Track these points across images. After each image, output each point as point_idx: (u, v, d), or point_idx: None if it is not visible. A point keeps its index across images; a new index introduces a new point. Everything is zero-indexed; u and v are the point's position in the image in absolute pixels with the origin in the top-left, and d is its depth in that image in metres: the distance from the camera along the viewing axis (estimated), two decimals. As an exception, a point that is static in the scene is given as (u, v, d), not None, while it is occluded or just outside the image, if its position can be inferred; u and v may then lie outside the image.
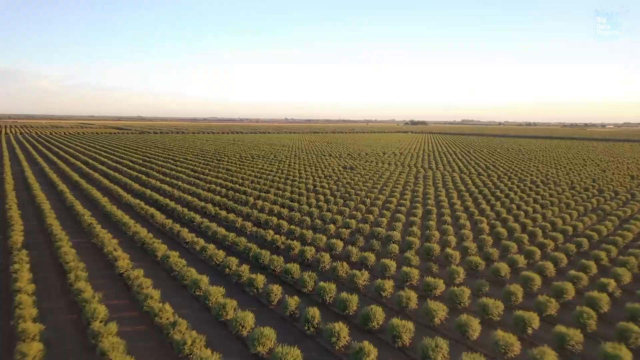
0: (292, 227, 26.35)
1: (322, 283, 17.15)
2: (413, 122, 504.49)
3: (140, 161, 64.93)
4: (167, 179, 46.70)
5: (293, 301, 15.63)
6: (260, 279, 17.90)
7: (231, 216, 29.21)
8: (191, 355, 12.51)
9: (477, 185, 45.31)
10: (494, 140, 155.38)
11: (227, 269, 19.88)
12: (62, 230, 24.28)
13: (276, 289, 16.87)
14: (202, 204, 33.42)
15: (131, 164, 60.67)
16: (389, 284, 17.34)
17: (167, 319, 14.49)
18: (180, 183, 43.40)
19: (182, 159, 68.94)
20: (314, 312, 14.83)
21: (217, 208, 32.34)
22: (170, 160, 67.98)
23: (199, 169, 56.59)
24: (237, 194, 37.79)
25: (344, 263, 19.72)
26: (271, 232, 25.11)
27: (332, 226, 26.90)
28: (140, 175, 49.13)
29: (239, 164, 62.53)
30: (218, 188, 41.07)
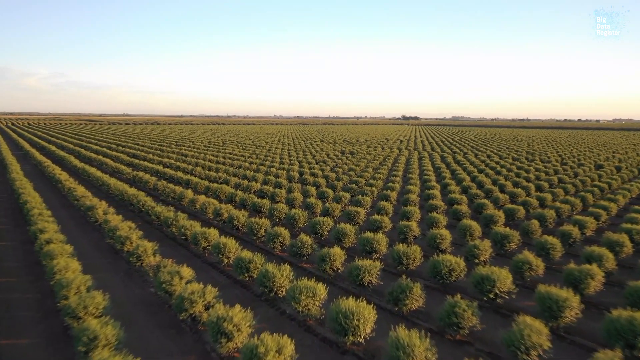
0: (246, 255, 11.06)
1: None
2: (405, 118, 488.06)
3: (71, 146, 48.92)
4: (80, 165, 31.10)
5: None
6: None
7: (124, 227, 13.89)
8: None
9: (548, 173, 30.45)
10: (505, 130, 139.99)
11: None
12: None
13: None
14: (95, 201, 18.01)
15: (55, 148, 44.78)
16: None
17: None
18: (93, 171, 27.83)
19: (130, 144, 53.09)
20: None
21: (112, 209, 16.98)
22: (112, 145, 52.07)
23: (142, 154, 40.91)
24: (171, 186, 22.33)
25: None
26: (186, 271, 9.82)
27: (336, 250, 11.61)
28: (46, 161, 33.39)
29: (202, 149, 46.99)
30: (147, 176, 25.64)
